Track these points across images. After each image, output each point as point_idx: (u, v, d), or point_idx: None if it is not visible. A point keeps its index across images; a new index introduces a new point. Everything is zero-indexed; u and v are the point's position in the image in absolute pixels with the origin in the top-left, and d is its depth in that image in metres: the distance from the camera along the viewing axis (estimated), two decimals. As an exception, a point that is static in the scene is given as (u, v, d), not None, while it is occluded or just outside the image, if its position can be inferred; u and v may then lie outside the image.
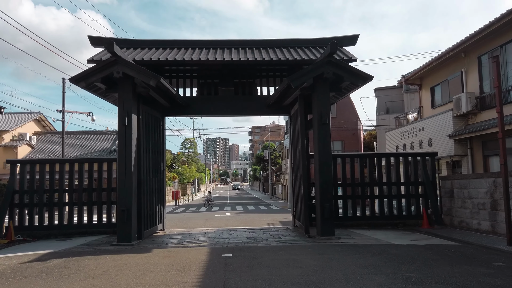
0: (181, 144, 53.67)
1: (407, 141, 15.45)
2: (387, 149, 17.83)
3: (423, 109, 15.60)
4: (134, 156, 9.23)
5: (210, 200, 25.36)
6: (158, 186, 11.10)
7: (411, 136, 15.07)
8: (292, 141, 11.58)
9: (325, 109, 9.35)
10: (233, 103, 11.79)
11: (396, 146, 16.54)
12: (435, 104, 14.66)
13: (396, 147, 16.52)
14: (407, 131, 15.48)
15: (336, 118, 26.61)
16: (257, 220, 16.89)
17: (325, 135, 9.37)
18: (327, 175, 9.28)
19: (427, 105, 15.31)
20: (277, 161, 49.99)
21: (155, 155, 10.95)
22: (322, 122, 9.29)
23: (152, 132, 10.70)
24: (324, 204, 9.16)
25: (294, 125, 11.17)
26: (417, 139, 14.51)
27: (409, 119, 17.45)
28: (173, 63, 10.70)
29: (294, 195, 11.52)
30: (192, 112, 11.81)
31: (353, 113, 27.65)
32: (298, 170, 10.48)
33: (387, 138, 17.73)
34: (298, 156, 10.45)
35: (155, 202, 10.77)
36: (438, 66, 13.77)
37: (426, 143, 13.88)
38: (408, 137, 15.39)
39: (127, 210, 8.95)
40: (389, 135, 17.46)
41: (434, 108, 14.68)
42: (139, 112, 9.67)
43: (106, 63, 8.70)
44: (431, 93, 15.00)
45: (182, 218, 19.43)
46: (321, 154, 9.29)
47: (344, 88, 9.94)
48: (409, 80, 15.68)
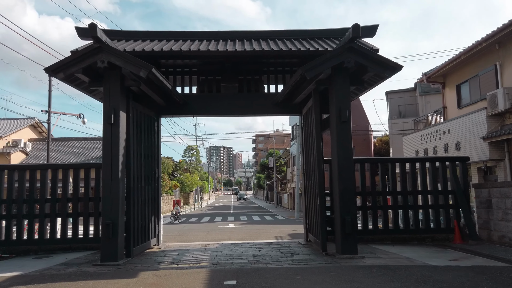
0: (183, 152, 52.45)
1: (429, 145, 14.02)
2: (404, 155, 16.39)
3: (447, 110, 14.20)
4: (122, 160, 7.89)
5: (177, 215, 24.20)
6: (152, 195, 9.73)
7: (433, 139, 13.65)
8: (304, 144, 10.20)
9: (345, 104, 8.00)
10: (237, 101, 10.46)
11: (415, 152, 15.10)
12: (462, 104, 13.25)
13: (416, 152, 15.08)
14: (428, 134, 14.06)
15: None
16: (263, 233, 15.45)
17: (345, 135, 8.01)
18: (348, 182, 7.89)
19: (452, 105, 13.91)
20: (282, 169, 48.52)
21: (149, 160, 9.60)
22: (342, 120, 7.93)
23: (144, 133, 9.37)
24: (345, 217, 7.76)
25: (306, 125, 9.80)
26: (442, 143, 13.08)
27: (429, 122, 16.04)
28: (169, 55, 9.41)
29: (307, 205, 10.11)
30: (191, 111, 10.48)
31: (363, 117, 26.27)
32: (312, 176, 9.09)
33: (405, 143, 16.29)
34: (312, 160, 9.07)
35: (148, 213, 9.39)
36: (466, 61, 12.38)
37: (452, 147, 12.45)
38: (430, 140, 13.96)
39: (113, 223, 7.59)
40: (407, 139, 16.03)
41: (461, 108, 13.27)
42: (129, 110, 8.35)
43: (88, 51, 7.41)
44: (457, 92, 13.60)
45: (182, 229, 18.01)
46: (341, 157, 7.92)
47: (367, 81, 8.59)
48: (431, 78, 14.30)
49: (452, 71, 13.51)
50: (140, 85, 8.10)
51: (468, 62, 12.43)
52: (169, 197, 36.70)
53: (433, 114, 15.92)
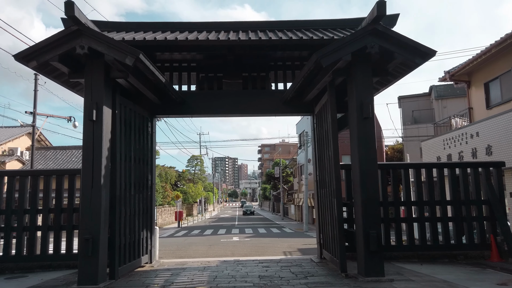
0: (187, 162, 51.37)
1: (454, 150, 12.70)
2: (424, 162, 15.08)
3: (473, 111, 12.92)
4: (106, 164, 6.72)
5: None
6: (143, 205, 8.52)
7: (459, 144, 12.34)
8: (317, 148, 8.97)
9: (367, 98, 6.80)
10: (240, 100, 9.32)
11: (437, 158, 13.78)
12: (492, 103, 11.98)
13: (437, 158, 13.76)
14: (452, 139, 12.75)
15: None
16: (270, 247, 14.13)
17: (368, 134, 6.79)
18: (372, 191, 6.65)
19: (479, 106, 12.63)
20: (289, 179, 47.15)
21: (140, 165, 8.42)
22: (364, 116, 6.73)
23: (135, 134, 8.22)
24: (369, 231, 6.50)
25: (320, 125, 8.59)
26: (468, 147, 11.77)
27: (452, 125, 14.74)
28: (164, 45, 8.32)
29: (321, 218, 8.83)
30: (189, 110, 9.32)
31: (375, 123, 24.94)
32: (328, 184, 7.84)
33: (424, 149, 14.98)
34: (327, 165, 7.83)
35: (138, 226, 8.16)
36: (496, 55, 11.13)
37: (482, 152, 11.13)
38: (454, 145, 12.65)
39: (93, 238, 6.39)
40: (427, 145, 14.72)
41: (490, 108, 12.00)
42: (115, 106, 7.21)
43: (65, 34, 6.31)
44: (485, 90, 12.35)
45: (182, 243, 16.72)
46: (363, 161, 6.69)
47: (391, 71, 7.39)
48: (455, 77, 13.06)
49: (479, 67, 12.26)
50: (128, 77, 6.97)
51: (499, 56, 11.19)
52: (172, 208, 35.45)
53: (456, 117, 14.62)
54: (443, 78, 13.45)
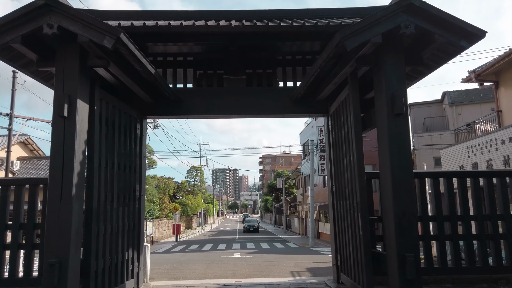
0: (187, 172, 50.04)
1: (480, 158, 11.43)
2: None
3: (502, 114, 11.67)
4: (79, 170, 5.46)
5: None
6: (129, 220, 7.23)
7: (487, 151, 11.08)
8: (334, 153, 7.73)
9: (400, 90, 5.58)
10: (244, 98, 8.13)
11: (460, 167, 12.51)
12: (525, 105, 10.77)
13: (460, 167, 12.48)
14: (478, 146, 11.50)
15: (365, 138, 22.80)
16: (275, 266, 12.75)
17: (401, 134, 5.56)
18: (408, 204, 5.39)
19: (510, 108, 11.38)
20: (291, 190, 45.75)
21: (126, 173, 7.16)
22: (396, 112, 5.50)
23: (121, 136, 6.99)
24: (404, 254, 5.22)
25: (338, 126, 7.36)
26: (499, 154, 10.50)
27: (476, 131, 13.50)
28: (156, 34, 7.19)
29: (338, 235, 7.53)
30: (185, 110, 8.12)
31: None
32: (349, 195, 6.58)
33: (444, 157, 13.71)
34: (347, 173, 6.58)
35: (122, 246, 6.86)
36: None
37: (516, 159, 9.89)
38: (481, 152, 11.39)
39: (60, 264, 5.10)
40: (447, 153, 13.46)
41: (524, 110, 10.78)
42: (94, 101, 6.00)
43: (31, 9, 5.13)
44: (517, 91, 11.16)
45: (178, 260, 15.31)
46: (396, 167, 5.44)
47: (426, 59, 6.18)
48: (481, 76, 11.85)
49: (509, 66, 11.04)
50: (109, 66, 5.77)
51: (533, 52, 10.01)
52: (170, 221, 34.00)
53: (481, 122, 13.37)
54: (467, 78, 12.25)
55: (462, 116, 18.67)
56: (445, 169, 13.44)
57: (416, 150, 20.02)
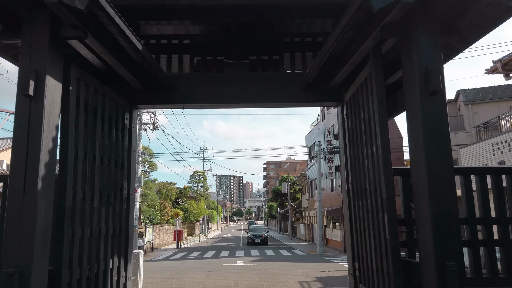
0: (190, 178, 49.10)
1: (509, 156, 10.37)
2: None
3: (533, 107, 10.63)
4: (48, 161, 4.54)
5: None
6: (114, 223, 6.27)
7: (515, 147, 10.05)
8: (350, 146, 6.75)
9: (436, 63, 4.64)
10: (247, 85, 7.20)
11: (484, 165, 11.45)
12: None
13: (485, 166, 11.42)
14: (506, 142, 10.44)
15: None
16: (282, 276, 11.68)
17: (439, 116, 4.61)
18: (449, 202, 4.42)
19: (542, 100, 10.35)
20: (297, 196, 44.62)
21: (111, 168, 6.23)
22: (431, 89, 4.55)
23: (105, 126, 6.07)
24: (444, 263, 4.25)
25: (355, 115, 6.40)
26: (531, 151, 9.48)
27: (502, 127, 12.45)
28: (148, 10, 6.28)
29: (357, 240, 6.52)
30: (180, 98, 7.19)
31: (395, 132, 22.66)
32: (371, 193, 5.59)
33: (465, 156, 12.68)
34: (370, 167, 5.60)
35: (105, 252, 5.90)
36: None
37: (553, 156, 8.83)
38: (509, 149, 10.34)
39: (22, 274, 4.15)
40: (467, 152, 12.44)
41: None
42: (69, 80, 5.08)
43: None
44: (550, 80, 10.12)
45: (177, 269, 14.29)
46: (433, 158, 4.50)
47: (463, 30, 5.20)
48: (508, 66, 10.80)
49: (540, 53, 10.04)
50: (87, 37, 4.84)
51: None
52: (171, 227, 32.98)
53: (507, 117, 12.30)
54: (493, 68, 11.21)
55: (479, 115, 17.62)
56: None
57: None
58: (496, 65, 10.99)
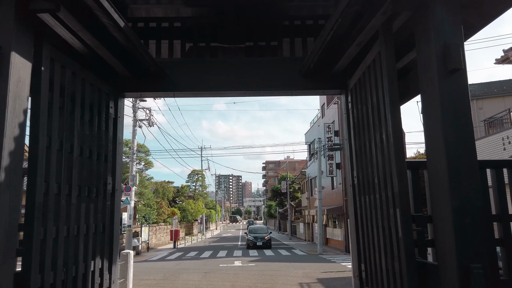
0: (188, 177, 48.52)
1: (521, 150, 9.80)
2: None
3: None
4: (14, 149, 4.00)
5: None
6: (97, 221, 5.70)
7: (528, 141, 9.48)
8: (356, 136, 6.20)
9: (456, 37, 4.10)
10: (243, 72, 6.64)
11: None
12: None
13: (494, 162, 10.83)
14: (517, 135, 9.88)
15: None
16: (281, 277, 11.13)
17: (460, 97, 4.06)
18: (473, 195, 3.88)
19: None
20: (296, 195, 44.08)
21: (92, 161, 5.65)
22: (451, 67, 4.01)
23: (85, 114, 5.50)
24: (468, 265, 3.71)
25: (361, 102, 5.85)
26: (546, 145, 8.91)
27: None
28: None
29: (363, 238, 5.96)
30: (171, 86, 6.62)
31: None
32: (380, 186, 5.04)
33: (472, 152, 12.04)
34: (379, 157, 5.04)
35: (85, 253, 5.33)
36: None
37: None
38: (522, 143, 9.78)
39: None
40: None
41: None
42: (41, 60, 4.51)
43: None
44: None
45: (172, 270, 13.72)
46: (454, 144, 3.97)
47: (486, 2, 4.64)
48: (520, 54, 10.25)
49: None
50: (59, 11, 4.28)
51: None
52: (168, 227, 32.38)
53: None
54: (503, 58, 10.63)
55: (484, 111, 17.09)
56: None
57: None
58: (507, 54, 10.42)
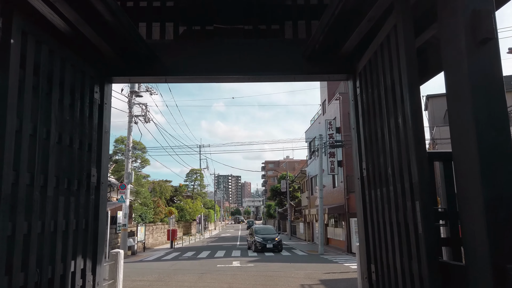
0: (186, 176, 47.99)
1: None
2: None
3: None
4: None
5: None
6: (78, 216, 5.14)
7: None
8: (364, 123, 5.65)
9: (486, 3, 3.54)
10: (241, 54, 6.10)
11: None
12: None
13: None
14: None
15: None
16: (282, 278, 10.58)
17: (491, 73, 3.51)
18: (508, 186, 3.33)
19: None
20: (296, 194, 43.54)
21: (73, 150, 5.10)
22: (481, 36, 3.48)
23: (65, 98, 4.94)
24: (505, 266, 3.15)
25: (372, 85, 5.31)
26: None
27: (525, 113, 11.32)
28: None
29: (373, 236, 5.40)
30: (162, 70, 6.08)
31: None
32: (395, 176, 4.49)
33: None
34: (393, 144, 4.49)
35: (63, 253, 4.77)
36: None
37: None
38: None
39: None
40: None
41: None
42: (11, 32, 3.96)
43: None
44: None
45: (167, 270, 13.15)
46: (486, 126, 3.42)
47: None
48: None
49: None
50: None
51: None
52: (165, 226, 31.80)
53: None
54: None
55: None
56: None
57: (438, 144, 17.94)
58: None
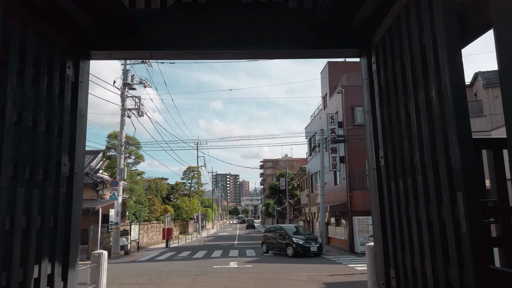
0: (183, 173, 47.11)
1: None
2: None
3: None
4: None
5: None
6: (45, 213, 4.34)
7: None
8: (382, 104, 4.85)
9: None
10: (238, 24, 5.31)
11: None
12: None
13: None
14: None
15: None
16: (283, 280, 9.79)
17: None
18: None
19: None
20: (295, 192, 42.76)
21: (38, 134, 4.30)
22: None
23: (28, 72, 4.14)
24: None
25: (392, 58, 4.50)
26: None
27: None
28: None
29: (393, 236, 4.62)
30: (146, 43, 5.28)
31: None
32: (421, 164, 3.72)
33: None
34: (422, 124, 3.71)
35: (24, 255, 3.97)
36: None
37: None
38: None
39: None
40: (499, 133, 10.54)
41: None
42: None
43: None
44: None
45: (159, 272, 12.33)
46: None
47: None
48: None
49: None
50: None
51: None
52: (161, 225, 30.97)
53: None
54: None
55: (500, 100, 15.79)
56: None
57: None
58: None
